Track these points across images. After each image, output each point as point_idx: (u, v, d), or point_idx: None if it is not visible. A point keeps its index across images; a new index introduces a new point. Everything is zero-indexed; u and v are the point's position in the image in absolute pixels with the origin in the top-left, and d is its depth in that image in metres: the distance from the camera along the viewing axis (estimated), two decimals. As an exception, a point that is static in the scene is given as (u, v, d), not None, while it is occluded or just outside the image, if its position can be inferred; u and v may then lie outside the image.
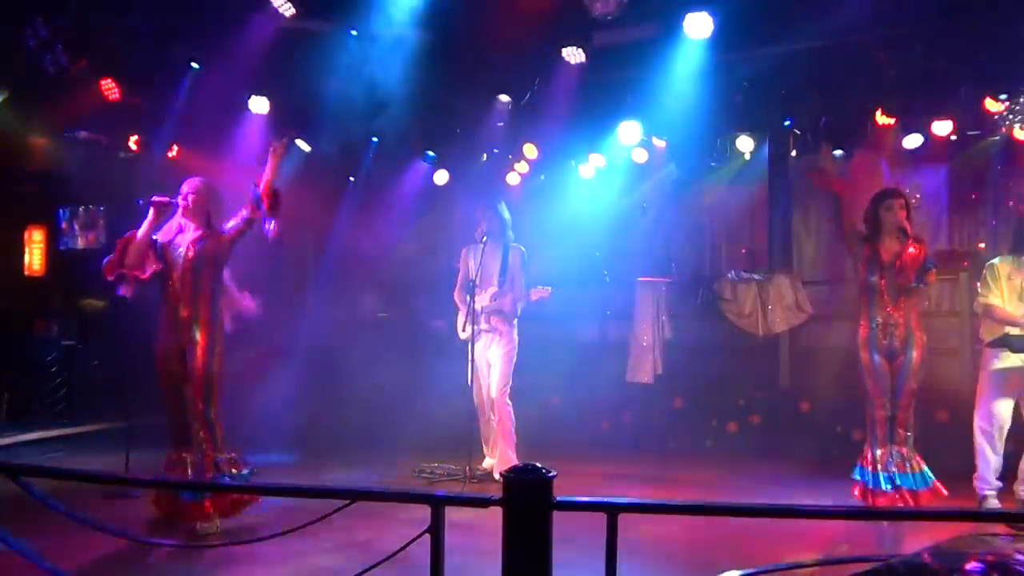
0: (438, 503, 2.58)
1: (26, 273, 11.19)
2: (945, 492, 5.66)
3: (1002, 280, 5.58)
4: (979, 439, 5.66)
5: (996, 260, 5.70)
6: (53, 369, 9.81)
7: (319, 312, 9.65)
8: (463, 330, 6.86)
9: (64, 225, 11.35)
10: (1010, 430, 5.66)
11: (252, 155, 8.90)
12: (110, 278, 5.33)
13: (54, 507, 2.93)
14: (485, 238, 6.78)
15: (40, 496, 2.89)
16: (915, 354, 5.68)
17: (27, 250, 11.25)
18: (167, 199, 5.39)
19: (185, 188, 5.46)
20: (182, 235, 5.42)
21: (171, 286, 5.36)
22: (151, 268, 5.33)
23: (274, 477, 6.82)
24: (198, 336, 5.30)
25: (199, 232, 5.40)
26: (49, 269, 11.24)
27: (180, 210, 5.41)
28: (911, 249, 5.68)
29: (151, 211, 5.34)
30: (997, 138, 8.37)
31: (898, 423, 5.73)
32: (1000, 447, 5.63)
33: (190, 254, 5.32)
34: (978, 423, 5.67)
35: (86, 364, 9.99)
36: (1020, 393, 5.60)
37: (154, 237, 5.38)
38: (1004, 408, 5.61)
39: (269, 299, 8.84)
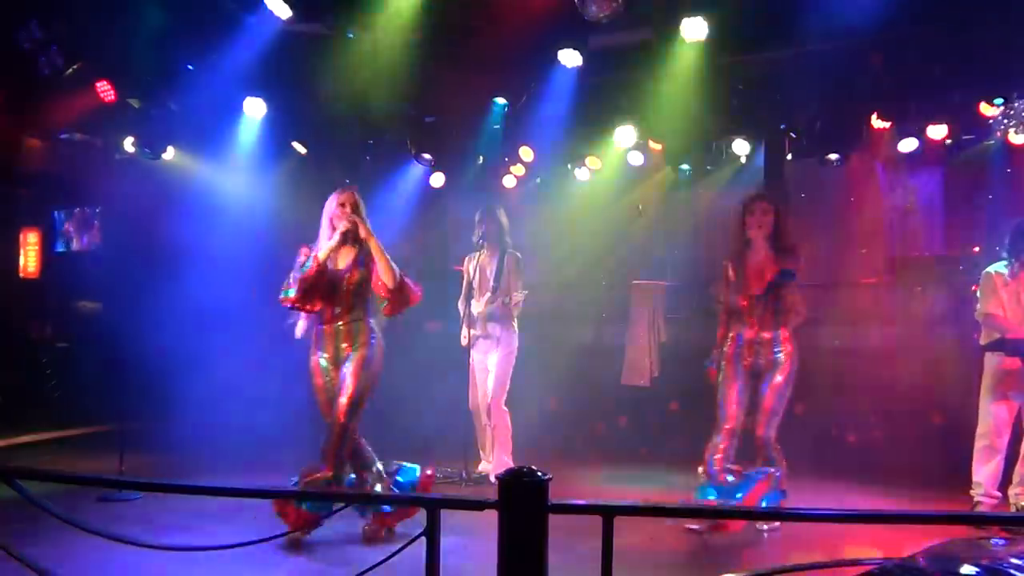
0: (434, 506, 2.58)
1: (21, 275, 11.17)
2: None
3: (999, 287, 5.57)
4: (978, 444, 5.65)
5: (991, 269, 5.68)
6: (47, 371, 9.78)
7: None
8: (462, 335, 6.86)
9: (59, 227, 11.35)
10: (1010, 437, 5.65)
11: (248, 158, 8.92)
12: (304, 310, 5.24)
13: (49, 510, 2.92)
14: (482, 243, 6.78)
15: (35, 499, 2.88)
16: (780, 375, 5.43)
17: (22, 252, 11.24)
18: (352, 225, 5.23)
19: (342, 199, 5.35)
20: (340, 252, 5.29)
21: (332, 302, 5.24)
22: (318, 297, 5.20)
23: (271, 479, 6.81)
24: (356, 352, 5.20)
25: (355, 250, 5.29)
26: (44, 271, 11.22)
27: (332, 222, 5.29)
28: (780, 261, 5.35)
29: (338, 237, 5.23)
30: (992, 142, 8.39)
31: (758, 441, 5.46)
32: (1001, 453, 5.60)
33: (354, 275, 5.21)
34: (977, 428, 5.67)
35: (80, 366, 9.97)
36: (1020, 397, 5.58)
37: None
38: (1003, 412, 5.59)
39: (264, 302, 8.86)
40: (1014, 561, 1.89)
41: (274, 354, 8.35)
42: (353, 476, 5.21)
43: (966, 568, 1.90)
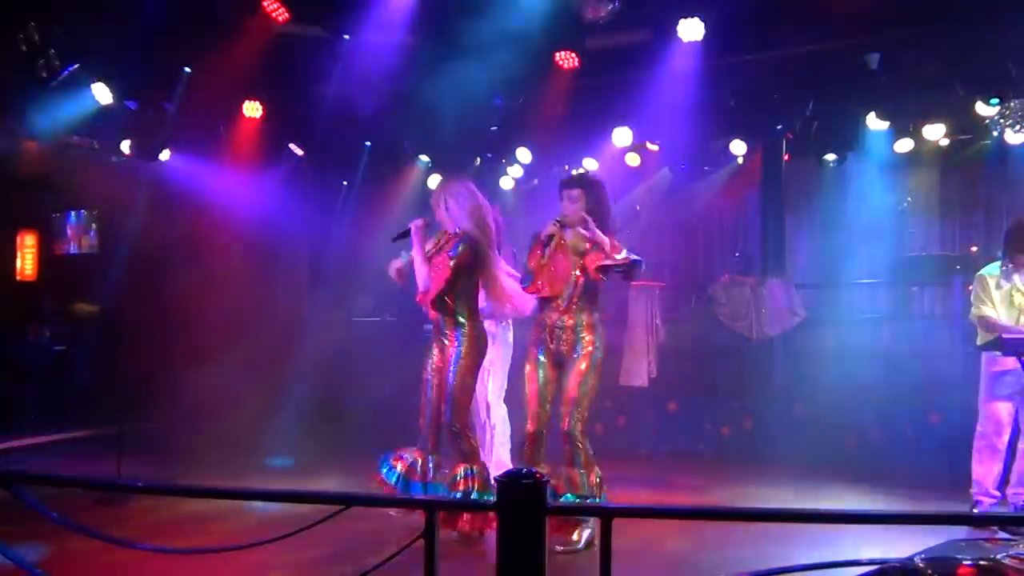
0: (433, 508, 2.58)
1: (18, 278, 11.17)
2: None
3: (991, 289, 5.59)
4: (977, 444, 5.65)
5: (984, 271, 5.70)
6: (45, 374, 9.77)
7: (314, 316, 9.65)
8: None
9: (56, 230, 11.35)
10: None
11: (245, 160, 8.92)
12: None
13: (46, 514, 2.92)
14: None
15: (32, 503, 2.87)
16: (582, 363, 5.11)
17: (19, 255, 11.23)
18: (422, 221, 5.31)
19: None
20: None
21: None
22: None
23: (270, 482, 6.80)
24: (450, 344, 5.22)
25: (455, 241, 5.23)
26: (41, 274, 11.22)
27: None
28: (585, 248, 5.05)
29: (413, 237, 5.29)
30: (988, 142, 8.41)
31: (562, 438, 5.05)
32: (1000, 453, 5.60)
33: (451, 263, 5.14)
34: (977, 428, 5.66)
35: (78, 369, 9.96)
36: (1018, 396, 5.58)
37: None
38: (1002, 411, 5.59)
39: (264, 304, 8.87)
40: (1011, 562, 1.89)
41: (271, 355, 8.37)
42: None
43: (964, 569, 1.90)
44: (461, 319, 5.21)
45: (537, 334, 5.17)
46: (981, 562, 1.93)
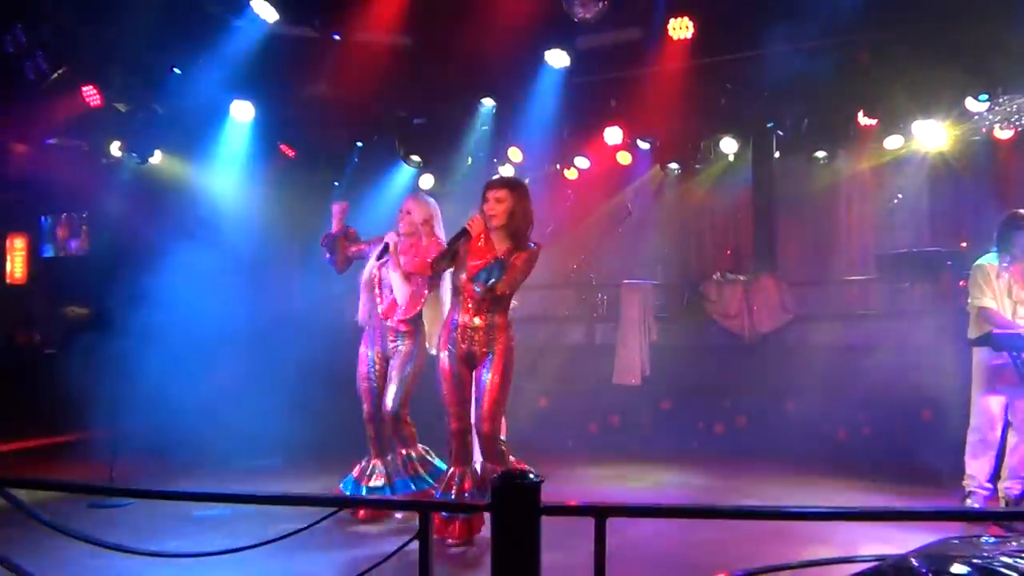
0: (427, 509, 2.58)
1: (7, 281, 11.11)
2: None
3: (992, 279, 5.49)
4: (970, 438, 5.65)
5: (983, 261, 5.58)
6: (35, 378, 9.71)
7: (304, 317, 9.62)
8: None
9: (46, 232, 11.30)
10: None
11: (235, 161, 8.89)
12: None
13: (39, 518, 2.91)
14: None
15: (25, 507, 2.86)
16: (496, 361, 5.02)
17: (8, 258, 11.18)
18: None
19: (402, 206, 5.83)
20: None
21: (382, 299, 5.76)
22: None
23: (262, 484, 6.79)
24: (403, 346, 5.72)
25: (407, 244, 5.69)
26: (31, 277, 11.16)
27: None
28: (512, 250, 5.01)
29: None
30: (978, 138, 8.44)
31: (484, 436, 4.99)
32: (993, 447, 5.60)
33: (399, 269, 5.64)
34: (971, 422, 5.66)
35: (69, 372, 9.90)
36: (1010, 390, 5.58)
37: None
38: (994, 406, 5.59)
39: (255, 305, 8.85)
40: (1006, 559, 1.90)
41: (262, 357, 8.35)
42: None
43: (958, 567, 1.90)
44: (422, 321, 5.84)
45: (447, 335, 5.08)
46: (976, 560, 1.93)
